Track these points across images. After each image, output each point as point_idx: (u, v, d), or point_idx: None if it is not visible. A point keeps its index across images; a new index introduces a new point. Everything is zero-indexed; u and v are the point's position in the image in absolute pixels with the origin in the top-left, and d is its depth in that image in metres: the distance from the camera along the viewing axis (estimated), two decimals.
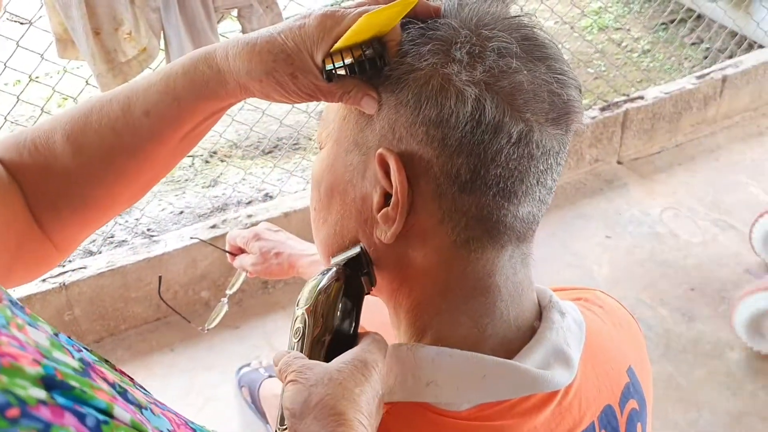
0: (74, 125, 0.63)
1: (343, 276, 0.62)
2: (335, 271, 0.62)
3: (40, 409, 0.33)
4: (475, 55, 0.56)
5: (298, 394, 0.54)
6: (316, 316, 0.61)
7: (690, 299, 2.21)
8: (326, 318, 0.61)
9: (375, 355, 0.58)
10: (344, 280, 0.62)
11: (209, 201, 2.61)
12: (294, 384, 0.55)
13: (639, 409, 0.68)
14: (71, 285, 2.03)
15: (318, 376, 0.55)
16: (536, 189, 0.59)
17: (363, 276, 0.63)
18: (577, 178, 2.71)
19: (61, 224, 0.66)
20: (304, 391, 0.54)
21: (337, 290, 0.61)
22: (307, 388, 0.54)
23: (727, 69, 2.94)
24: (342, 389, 0.54)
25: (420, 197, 0.58)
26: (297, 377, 0.56)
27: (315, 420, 0.52)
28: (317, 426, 0.52)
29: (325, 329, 0.60)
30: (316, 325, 0.61)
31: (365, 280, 0.63)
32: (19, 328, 0.37)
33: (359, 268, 0.63)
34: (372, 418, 0.54)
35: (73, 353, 0.39)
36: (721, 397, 1.92)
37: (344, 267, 0.63)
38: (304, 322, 0.61)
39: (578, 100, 0.58)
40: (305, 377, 0.55)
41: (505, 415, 0.59)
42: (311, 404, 0.53)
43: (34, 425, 0.32)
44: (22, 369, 0.34)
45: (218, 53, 0.60)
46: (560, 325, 0.63)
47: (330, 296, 0.61)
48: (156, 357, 2.07)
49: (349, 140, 0.61)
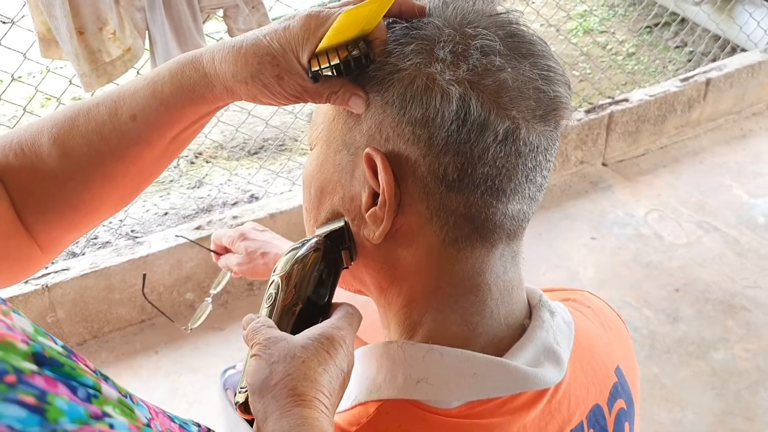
0: (61, 128, 0.63)
1: (322, 247, 0.61)
2: (315, 241, 0.62)
3: (35, 378, 0.34)
4: (459, 54, 0.55)
5: (259, 370, 0.54)
6: (289, 284, 0.60)
7: (674, 300, 2.22)
8: (299, 287, 0.60)
9: (344, 331, 0.58)
10: (323, 251, 0.61)
11: (194, 202, 2.59)
12: (257, 359, 0.55)
13: (627, 409, 0.68)
14: (54, 287, 2.01)
15: (281, 352, 0.54)
16: (525, 186, 0.58)
17: (344, 250, 0.62)
18: (563, 180, 2.73)
19: (46, 227, 0.65)
20: (265, 369, 0.54)
21: (314, 261, 0.61)
22: (269, 365, 0.54)
23: (711, 72, 2.96)
24: (304, 368, 0.53)
25: (408, 197, 0.58)
26: (260, 352, 0.55)
27: (273, 399, 0.52)
28: (275, 405, 0.51)
29: (297, 299, 0.60)
30: (288, 293, 0.60)
31: (345, 255, 0.62)
32: (4, 314, 0.38)
33: (341, 242, 0.62)
34: (334, 396, 0.54)
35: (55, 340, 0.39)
36: (705, 397, 1.93)
37: (325, 239, 0.62)
38: (277, 288, 0.61)
39: (566, 95, 0.58)
40: (268, 353, 0.55)
41: (495, 412, 0.58)
42: (271, 383, 0.53)
43: (31, 391, 0.33)
44: (14, 345, 0.34)
45: (205, 57, 0.60)
46: (550, 323, 0.63)
47: (306, 266, 0.60)
48: (140, 359, 2.05)
49: (337, 141, 0.61)
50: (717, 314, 2.18)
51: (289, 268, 0.61)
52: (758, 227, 2.50)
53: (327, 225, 0.63)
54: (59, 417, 0.33)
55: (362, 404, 0.60)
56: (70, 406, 0.34)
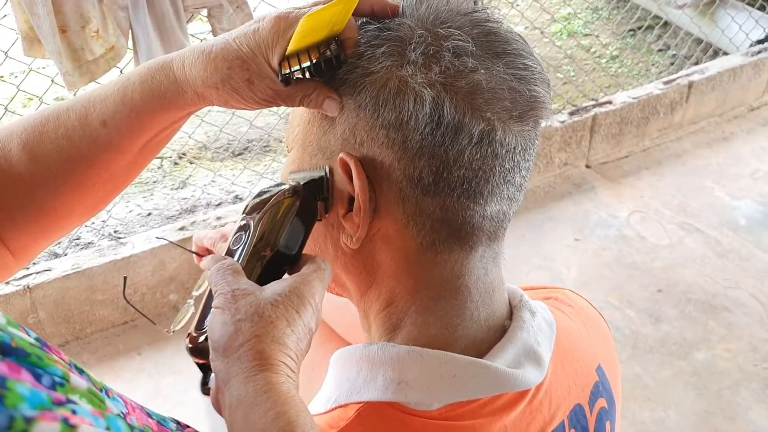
0: (31, 134, 0.62)
1: (300, 195, 0.59)
2: (293, 187, 0.59)
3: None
4: (431, 56, 0.55)
5: (224, 327, 0.51)
6: (262, 228, 0.58)
7: (657, 301, 2.24)
8: (271, 233, 0.58)
9: (314, 288, 0.56)
10: (300, 199, 0.59)
11: (178, 203, 2.58)
12: (221, 312, 0.52)
13: (608, 408, 0.68)
14: (35, 287, 1.99)
15: (248, 309, 0.52)
16: (503, 187, 0.58)
17: (320, 201, 0.60)
18: (546, 182, 2.74)
19: (17, 233, 0.64)
20: (230, 326, 0.51)
21: (289, 207, 0.58)
22: (234, 322, 0.51)
23: (693, 75, 2.99)
24: (272, 329, 0.51)
25: (384, 201, 0.57)
26: (225, 305, 0.53)
27: (238, 361, 0.50)
28: (239, 368, 0.50)
29: (267, 244, 0.58)
30: (259, 238, 0.58)
31: (321, 206, 0.60)
32: None
33: (318, 192, 0.60)
34: (300, 357, 0.53)
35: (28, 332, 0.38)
36: (687, 397, 1.95)
37: (304, 186, 0.59)
38: (248, 230, 0.58)
39: (544, 94, 0.57)
40: (234, 307, 0.52)
41: (475, 414, 0.58)
42: (236, 343, 0.50)
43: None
44: None
45: (175, 63, 0.59)
46: (531, 324, 0.63)
47: (280, 212, 0.58)
48: (123, 361, 2.04)
49: (313, 145, 0.61)
50: (699, 315, 2.19)
51: (263, 212, 0.58)
52: (739, 229, 2.52)
53: (306, 171, 0.61)
54: (18, 403, 0.32)
55: (342, 406, 0.60)
56: (32, 392, 0.33)
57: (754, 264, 2.38)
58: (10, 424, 0.31)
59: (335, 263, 0.63)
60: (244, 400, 0.48)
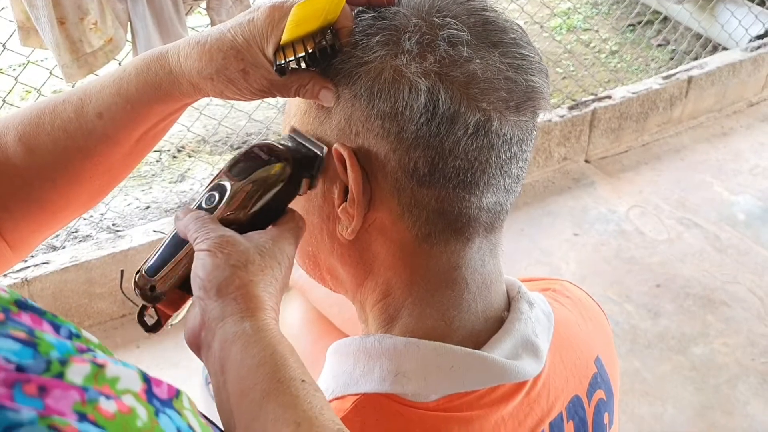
0: (26, 126, 0.62)
1: (290, 172, 0.58)
2: (284, 164, 0.58)
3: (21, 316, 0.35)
4: (425, 45, 0.54)
5: (217, 269, 0.52)
6: (236, 197, 0.57)
7: (655, 296, 2.24)
8: (245, 207, 0.58)
9: (291, 248, 0.58)
10: (287, 178, 0.58)
11: (176, 196, 2.57)
12: (211, 255, 0.53)
13: (606, 399, 0.68)
14: (33, 280, 1.99)
15: (240, 256, 0.53)
16: (500, 178, 0.57)
17: (307, 177, 0.59)
18: (546, 176, 2.73)
19: (13, 224, 0.64)
20: (225, 269, 0.52)
21: (274, 183, 0.58)
22: (229, 266, 0.52)
23: (693, 70, 2.98)
24: (263, 276, 0.53)
25: (379, 192, 0.57)
26: (215, 248, 0.53)
27: (234, 301, 0.51)
28: (234, 307, 0.51)
29: (241, 210, 0.58)
30: (236, 205, 0.57)
31: (306, 182, 0.60)
32: None
33: (309, 168, 0.59)
34: (278, 310, 0.55)
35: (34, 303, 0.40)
36: (685, 392, 1.95)
37: (296, 161, 0.59)
38: (224, 192, 0.58)
39: (542, 84, 0.56)
40: (226, 252, 0.53)
41: (473, 405, 0.58)
42: (232, 285, 0.52)
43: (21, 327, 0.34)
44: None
45: (170, 54, 0.59)
46: (528, 315, 0.63)
47: (262, 188, 0.58)
48: (121, 354, 2.03)
49: (309, 135, 0.60)
50: (697, 309, 2.20)
51: (244, 183, 0.57)
52: (738, 224, 2.52)
53: (305, 142, 0.60)
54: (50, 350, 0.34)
55: (339, 398, 0.60)
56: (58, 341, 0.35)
57: (752, 259, 2.38)
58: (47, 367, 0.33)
59: (331, 254, 0.63)
60: (241, 335, 0.50)
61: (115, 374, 0.35)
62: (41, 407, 0.31)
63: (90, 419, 0.32)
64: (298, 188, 0.60)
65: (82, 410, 0.32)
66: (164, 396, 0.37)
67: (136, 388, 0.36)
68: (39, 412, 0.30)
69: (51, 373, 0.33)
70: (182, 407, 0.38)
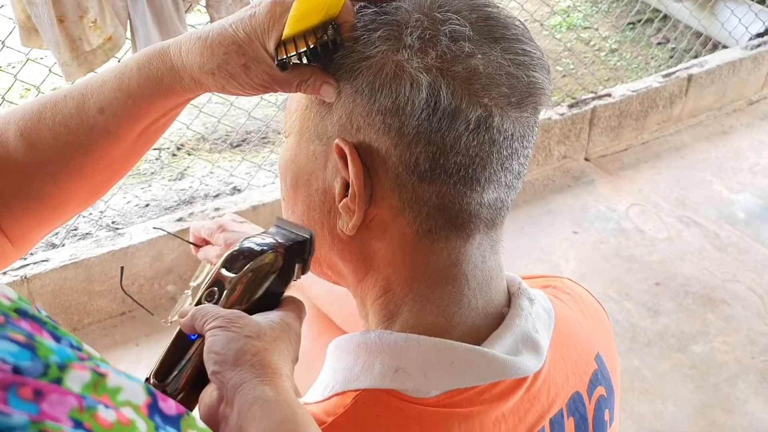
0: (27, 121, 0.61)
1: (282, 260, 0.59)
2: (274, 255, 0.59)
3: (21, 322, 0.35)
4: (427, 40, 0.54)
5: (232, 341, 0.53)
6: (235, 290, 0.59)
7: (655, 294, 2.24)
8: (245, 297, 0.59)
9: (297, 325, 0.59)
10: (281, 266, 0.59)
11: (176, 194, 2.57)
12: (224, 331, 0.54)
13: (607, 396, 0.68)
14: (33, 278, 1.99)
15: (252, 328, 0.54)
16: (501, 174, 0.57)
17: (299, 263, 0.61)
18: (546, 174, 2.73)
19: (13, 220, 0.64)
20: (239, 340, 0.53)
21: (269, 272, 0.59)
22: (243, 337, 0.53)
23: (693, 68, 2.98)
24: (276, 345, 0.54)
25: (380, 187, 0.57)
26: (228, 324, 0.54)
27: (252, 368, 0.52)
28: (252, 373, 0.52)
29: (239, 305, 0.59)
30: (232, 299, 0.59)
31: (299, 267, 0.61)
32: None
33: (300, 254, 0.60)
34: (292, 379, 0.55)
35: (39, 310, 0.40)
36: (685, 390, 1.95)
37: (285, 250, 0.60)
38: (221, 288, 0.59)
39: (543, 80, 0.56)
40: (238, 326, 0.54)
41: (473, 401, 0.58)
42: (248, 353, 0.53)
43: (20, 331, 0.34)
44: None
45: (172, 49, 0.59)
46: (529, 311, 0.63)
47: (259, 277, 0.59)
48: (120, 352, 2.03)
49: (310, 130, 0.60)
50: (697, 308, 2.20)
51: (242, 273, 0.59)
52: (738, 222, 2.52)
53: (293, 231, 0.61)
54: (49, 354, 0.34)
55: (339, 394, 0.60)
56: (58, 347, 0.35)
57: (752, 257, 2.38)
58: (45, 371, 0.33)
59: (331, 249, 0.63)
60: (260, 397, 0.50)
61: (116, 385, 0.35)
62: (35, 412, 0.30)
63: (86, 427, 0.32)
64: (291, 275, 0.61)
65: (78, 417, 0.32)
66: (171, 412, 0.37)
67: (138, 401, 0.35)
68: (31, 417, 0.30)
69: (49, 378, 0.32)
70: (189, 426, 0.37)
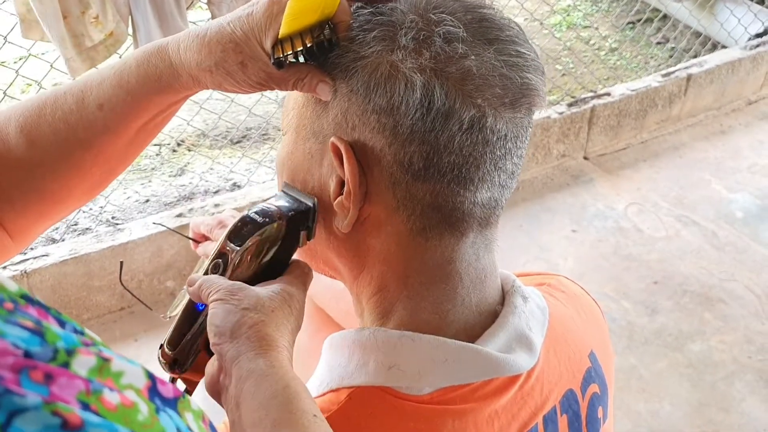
0: (28, 117, 0.62)
1: (285, 229, 0.60)
2: (278, 223, 0.60)
3: (29, 308, 0.36)
4: (421, 41, 0.55)
5: (230, 314, 0.55)
6: (240, 261, 0.60)
7: (653, 292, 2.25)
8: (250, 267, 0.60)
9: (300, 293, 0.60)
10: (284, 235, 0.60)
11: (176, 190, 2.58)
12: (223, 303, 0.56)
13: (600, 394, 0.69)
14: (32, 273, 1.99)
15: (251, 300, 0.56)
16: (494, 174, 0.58)
17: (303, 230, 0.62)
18: (545, 173, 2.74)
19: (14, 215, 0.65)
20: (236, 313, 0.55)
21: (273, 242, 0.60)
22: (240, 310, 0.55)
23: (692, 68, 2.99)
24: (273, 317, 0.56)
25: (374, 186, 0.58)
26: (227, 297, 0.56)
27: (248, 340, 0.53)
28: (248, 346, 0.53)
29: (244, 276, 0.60)
30: (237, 269, 0.60)
31: (303, 234, 0.62)
32: None
33: (304, 221, 0.61)
34: (292, 346, 0.57)
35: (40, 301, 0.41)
36: (681, 389, 1.96)
37: (288, 219, 0.60)
38: (225, 260, 0.60)
39: (537, 81, 0.57)
40: (237, 298, 0.56)
41: (467, 398, 0.59)
42: (245, 326, 0.54)
43: (28, 317, 0.35)
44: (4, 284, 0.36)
45: (170, 46, 0.60)
46: (522, 309, 0.64)
47: (264, 246, 0.60)
48: (119, 347, 2.04)
49: (307, 128, 0.61)
50: (694, 306, 2.20)
51: (247, 244, 0.60)
52: (736, 222, 2.53)
53: (297, 198, 0.62)
54: (57, 340, 0.35)
55: (333, 391, 0.60)
56: (64, 333, 0.36)
57: (750, 256, 2.39)
58: (54, 356, 0.34)
59: (327, 246, 0.64)
60: (254, 371, 0.52)
61: (119, 369, 0.36)
62: (46, 394, 0.32)
63: (93, 409, 0.33)
64: (297, 241, 0.62)
65: (85, 400, 0.33)
66: (169, 395, 0.38)
67: (139, 384, 0.37)
68: (44, 398, 0.31)
69: (57, 362, 0.33)
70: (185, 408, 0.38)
